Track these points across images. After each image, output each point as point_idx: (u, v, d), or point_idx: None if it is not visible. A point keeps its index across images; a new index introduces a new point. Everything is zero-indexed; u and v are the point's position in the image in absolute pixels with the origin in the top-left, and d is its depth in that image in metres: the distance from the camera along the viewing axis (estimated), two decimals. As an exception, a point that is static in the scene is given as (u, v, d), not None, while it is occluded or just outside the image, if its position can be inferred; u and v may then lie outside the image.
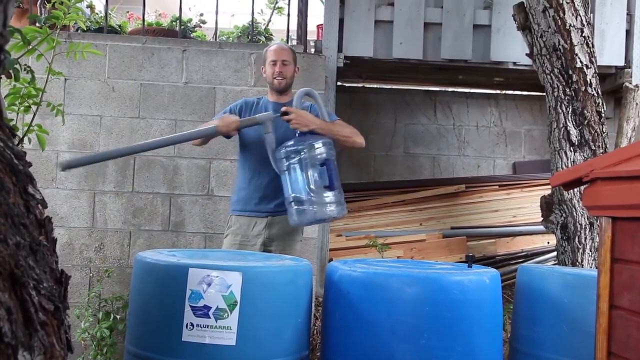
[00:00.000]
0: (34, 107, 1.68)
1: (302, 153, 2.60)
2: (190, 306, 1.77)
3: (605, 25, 4.22)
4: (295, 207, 2.57)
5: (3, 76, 1.53)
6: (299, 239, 2.98)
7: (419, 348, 1.83)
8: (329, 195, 2.60)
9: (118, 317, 3.44)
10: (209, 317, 1.76)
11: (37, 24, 1.81)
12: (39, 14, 3.78)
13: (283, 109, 2.73)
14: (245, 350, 1.78)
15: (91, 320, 3.44)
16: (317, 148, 2.63)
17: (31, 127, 1.64)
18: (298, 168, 2.59)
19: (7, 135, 1.39)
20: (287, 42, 4.24)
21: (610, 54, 4.22)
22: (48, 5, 3.73)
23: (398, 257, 4.34)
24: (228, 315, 1.76)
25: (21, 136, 1.62)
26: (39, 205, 1.40)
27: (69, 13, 1.76)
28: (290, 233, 2.90)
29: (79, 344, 3.39)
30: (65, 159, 2.60)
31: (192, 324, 1.77)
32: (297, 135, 2.70)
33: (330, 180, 2.62)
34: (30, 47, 1.59)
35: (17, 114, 1.66)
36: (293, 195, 2.57)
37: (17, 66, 1.47)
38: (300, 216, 2.57)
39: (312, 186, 2.55)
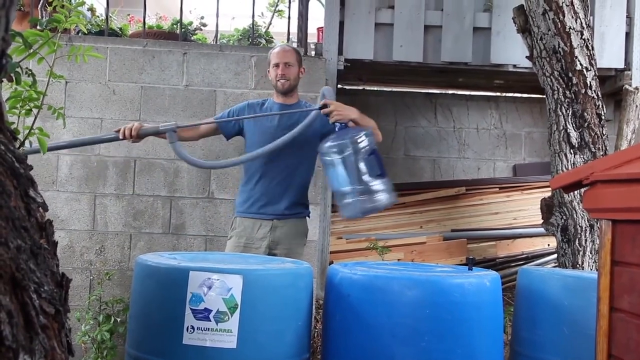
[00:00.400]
0: (35, 111, 1.69)
1: (350, 146, 2.59)
2: (191, 309, 1.77)
3: (605, 28, 4.22)
4: (351, 199, 2.55)
5: (4, 79, 1.53)
6: (304, 242, 2.99)
7: (420, 351, 1.83)
8: (380, 184, 2.58)
9: (119, 320, 3.44)
10: (210, 320, 1.76)
11: (38, 27, 1.82)
12: (39, 17, 3.79)
13: (323, 101, 2.75)
14: (246, 353, 1.78)
15: (92, 323, 3.44)
16: (364, 140, 2.64)
17: (32, 131, 1.65)
18: (349, 161, 2.57)
19: (8, 138, 1.39)
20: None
21: (610, 56, 4.23)
22: (49, 8, 3.75)
23: (398, 259, 4.34)
24: (229, 318, 1.76)
25: (22, 139, 1.62)
26: (40, 208, 1.40)
27: (70, 16, 1.77)
28: (295, 236, 2.91)
29: (80, 347, 3.40)
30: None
31: (192, 327, 1.77)
32: (337, 129, 2.71)
33: (380, 168, 2.63)
34: (32, 50, 1.60)
35: (19, 117, 1.67)
36: (349, 187, 2.57)
37: (18, 69, 1.47)
38: (356, 208, 2.56)
39: (364, 178, 2.55)
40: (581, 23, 3.21)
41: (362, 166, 2.57)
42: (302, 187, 3.01)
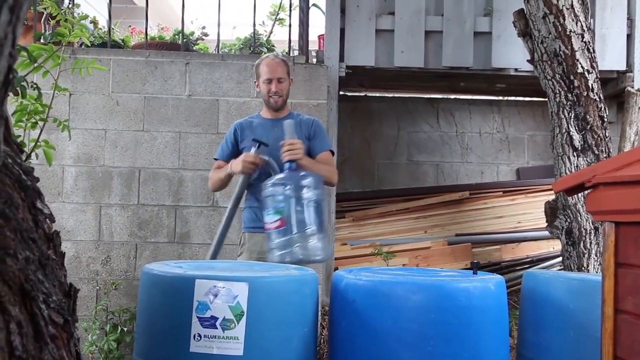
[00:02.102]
0: (40, 123, 1.71)
1: (294, 190, 2.43)
2: (198, 317, 1.78)
3: (606, 30, 4.23)
4: (282, 244, 2.41)
5: (10, 93, 1.55)
6: None
7: (426, 355, 1.83)
8: (317, 236, 2.43)
9: (125, 329, 3.45)
10: (216, 328, 1.77)
11: (43, 41, 1.84)
12: (43, 30, 3.82)
13: (282, 142, 2.61)
14: (252, 360, 1.78)
15: (98, 333, 3.46)
16: (310, 187, 2.46)
17: (38, 143, 1.66)
18: (288, 204, 2.42)
19: (15, 151, 1.41)
20: (289, 53, 4.28)
21: (611, 58, 4.24)
22: (52, 22, 3.79)
23: (403, 264, 4.34)
24: (235, 325, 1.77)
25: (28, 152, 1.64)
26: (47, 219, 1.42)
27: (74, 30, 1.79)
28: None
29: (87, 357, 3.41)
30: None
31: (199, 335, 1.77)
32: (287, 168, 2.56)
33: (321, 221, 2.46)
34: (37, 64, 1.62)
35: (25, 130, 1.69)
36: (283, 232, 2.41)
37: (24, 83, 1.49)
38: (284, 254, 2.40)
39: (301, 225, 2.40)
40: (582, 26, 3.22)
41: (302, 212, 2.42)
42: None
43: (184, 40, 4.19)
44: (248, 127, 2.88)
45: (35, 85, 1.65)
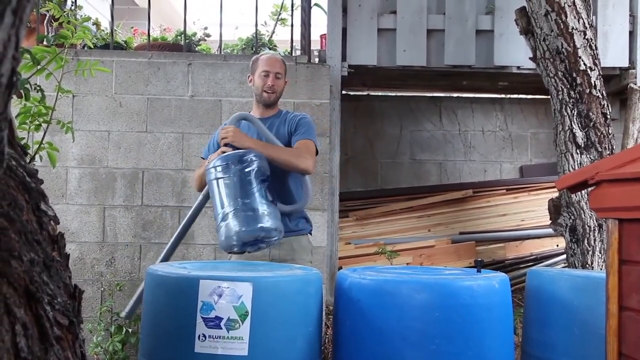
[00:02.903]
0: (44, 125, 1.72)
1: (233, 166, 2.29)
2: (202, 317, 1.79)
3: (608, 27, 4.23)
4: (222, 226, 2.27)
5: (14, 96, 1.56)
6: (309, 259, 2.74)
7: (430, 353, 1.83)
8: (268, 210, 2.28)
9: (130, 330, 3.46)
10: (221, 328, 1.78)
11: (46, 43, 1.85)
12: (46, 33, 3.83)
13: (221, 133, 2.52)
14: (257, 359, 1.79)
15: (103, 334, 3.46)
16: (253, 161, 2.33)
17: (42, 145, 1.67)
18: (223, 183, 2.29)
19: (19, 153, 1.42)
20: (291, 53, 4.28)
21: (614, 55, 4.23)
22: (55, 24, 3.80)
23: (407, 263, 4.34)
24: (239, 325, 1.77)
25: (32, 154, 1.65)
26: (52, 221, 1.42)
27: (77, 32, 1.79)
28: (299, 252, 2.69)
29: (92, 358, 3.41)
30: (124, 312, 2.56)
31: (204, 335, 1.78)
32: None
33: (271, 195, 2.33)
34: (40, 66, 1.63)
35: (29, 132, 1.70)
36: (221, 212, 2.27)
37: (27, 86, 1.50)
38: (231, 232, 2.24)
39: (248, 200, 2.24)
40: (584, 23, 3.21)
41: (249, 187, 2.27)
42: (296, 200, 2.70)
43: (187, 41, 4.19)
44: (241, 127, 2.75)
45: (38, 88, 1.66)
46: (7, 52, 0.84)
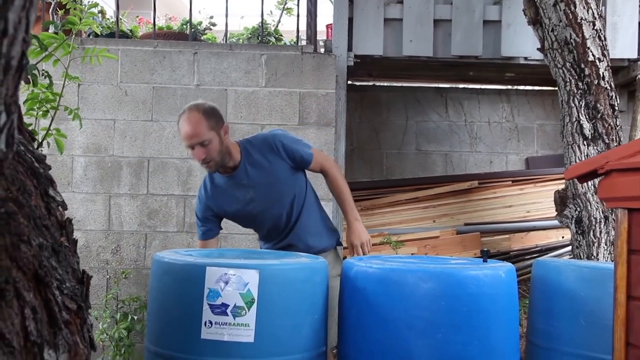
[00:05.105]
0: (51, 112, 1.72)
1: None
2: (209, 304, 1.79)
3: (617, 18, 4.19)
4: None
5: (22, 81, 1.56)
6: (336, 273, 2.34)
7: (436, 342, 1.84)
8: None
9: (135, 318, 3.48)
10: (227, 315, 1.78)
11: (53, 30, 1.85)
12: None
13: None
14: (263, 346, 1.79)
15: (109, 322, 3.48)
16: None
17: (49, 132, 1.67)
18: None
19: (27, 139, 1.42)
20: (297, 42, 4.26)
21: (622, 46, 4.19)
22: (60, 12, 3.79)
23: (412, 254, 4.34)
24: (246, 312, 1.78)
25: (40, 140, 1.65)
26: (60, 207, 1.42)
27: (84, 18, 1.79)
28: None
29: (98, 345, 3.43)
30: None
31: (210, 322, 1.78)
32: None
33: None
34: (47, 52, 1.62)
35: (36, 118, 1.70)
36: None
37: (35, 72, 1.50)
38: None
39: None
40: (593, 13, 3.19)
41: None
42: (312, 216, 2.56)
43: (192, 30, 4.18)
44: (217, 195, 2.47)
45: (46, 74, 1.66)
46: (17, 35, 0.84)
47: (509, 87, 5.23)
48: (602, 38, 3.22)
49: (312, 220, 2.54)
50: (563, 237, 4.48)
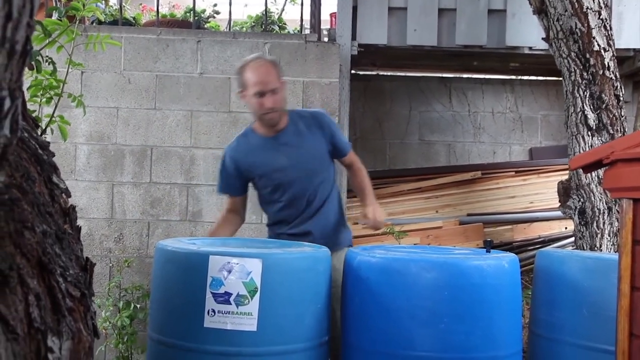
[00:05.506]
0: (55, 99, 1.71)
1: None
2: (212, 293, 1.79)
3: (623, 8, 4.16)
4: None
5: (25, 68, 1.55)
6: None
7: (439, 332, 1.84)
8: None
9: (138, 306, 3.49)
10: (230, 304, 1.78)
11: (57, 16, 1.84)
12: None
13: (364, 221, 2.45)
14: (266, 335, 1.80)
15: (111, 310, 3.49)
16: None
17: (53, 119, 1.67)
18: None
19: (30, 126, 1.42)
20: (301, 31, 4.24)
21: (628, 36, 4.17)
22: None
23: (414, 244, 4.34)
24: (249, 301, 1.78)
25: (44, 127, 1.64)
26: (63, 194, 1.42)
27: (87, 5, 1.78)
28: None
29: (101, 333, 3.45)
30: None
31: (213, 310, 1.79)
32: None
33: None
34: (51, 39, 1.62)
35: (40, 105, 1.69)
36: None
37: (39, 58, 1.49)
38: None
39: None
40: (598, 3, 3.16)
41: None
42: (334, 209, 2.56)
43: (196, 18, 4.16)
44: (249, 152, 2.45)
45: (50, 60, 1.65)
46: (22, 19, 0.83)
47: (513, 77, 5.20)
48: (608, 28, 3.20)
49: (333, 214, 2.55)
50: (566, 228, 4.47)
